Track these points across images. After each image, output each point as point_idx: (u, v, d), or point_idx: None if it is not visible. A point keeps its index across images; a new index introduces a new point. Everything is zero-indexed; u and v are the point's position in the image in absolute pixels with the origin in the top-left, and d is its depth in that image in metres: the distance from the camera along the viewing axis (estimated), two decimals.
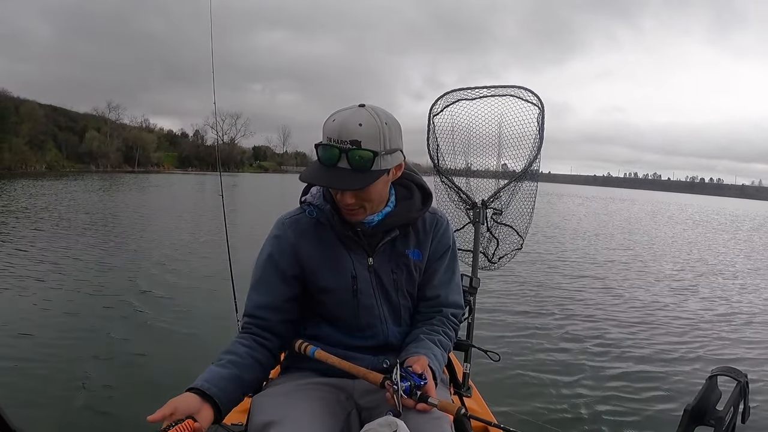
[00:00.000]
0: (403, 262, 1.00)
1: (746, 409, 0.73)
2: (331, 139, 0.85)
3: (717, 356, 3.39)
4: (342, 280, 0.97)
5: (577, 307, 4.57)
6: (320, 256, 0.98)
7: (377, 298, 0.99)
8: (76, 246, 6.74)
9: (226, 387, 0.85)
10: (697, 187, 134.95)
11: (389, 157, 0.88)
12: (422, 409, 0.84)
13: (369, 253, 0.98)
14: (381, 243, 0.98)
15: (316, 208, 0.97)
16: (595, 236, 11.24)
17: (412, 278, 1.02)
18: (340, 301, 0.98)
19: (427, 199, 1.02)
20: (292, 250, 0.98)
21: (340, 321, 1.00)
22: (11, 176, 27.26)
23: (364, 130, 0.84)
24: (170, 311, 3.87)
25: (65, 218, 9.80)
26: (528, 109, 1.63)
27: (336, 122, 0.85)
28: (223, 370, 0.88)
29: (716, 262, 8.10)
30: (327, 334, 1.01)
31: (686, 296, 5.31)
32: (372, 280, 0.98)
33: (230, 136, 64.13)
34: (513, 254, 1.72)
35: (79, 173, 36.31)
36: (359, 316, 0.99)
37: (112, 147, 47.24)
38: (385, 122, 0.86)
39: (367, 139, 0.84)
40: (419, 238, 1.02)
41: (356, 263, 0.98)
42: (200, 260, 6.01)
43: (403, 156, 0.92)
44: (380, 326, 1.00)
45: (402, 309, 1.02)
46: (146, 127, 57.84)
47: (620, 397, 2.63)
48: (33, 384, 2.52)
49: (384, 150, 0.86)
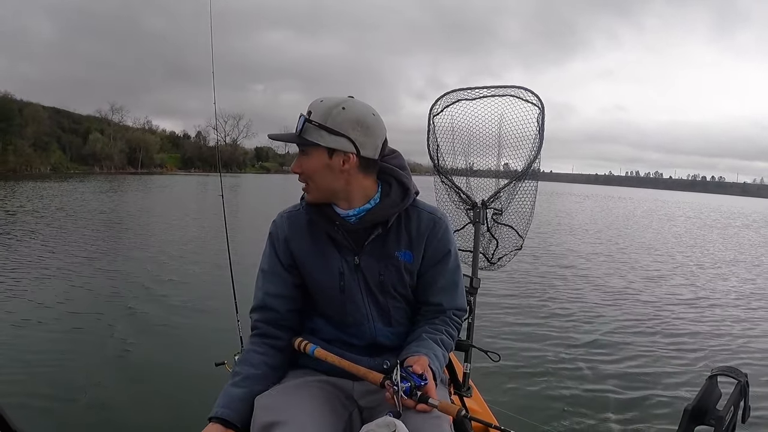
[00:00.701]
0: (392, 263, 0.99)
1: (746, 408, 0.73)
2: None
3: (717, 356, 3.37)
4: (330, 276, 0.99)
5: (577, 307, 4.56)
6: (311, 251, 1.01)
7: (363, 296, 1.00)
8: (84, 246, 6.80)
9: (242, 408, 0.91)
10: (698, 185, 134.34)
11: (328, 136, 0.92)
12: (422, 410, 0.84)
13: (355, 252, 0.99)
14: (366, 242, 0.98)
15: (310, 206, 1.01)
16: (589, 232, 11.23)
17: (402, 280, 1.01)
18: (328, 297, 1.01)
19: (405, 194, 1.00)
20: (286, 242, 1.02)
21: (331, 317, 1.03)
22: (17, 178, 27.52)
23: (320, 106, 0.93)
24: (171, 312, 3.88)
25: (82, 217, 9.91)
26: (528, 109, 1.62)
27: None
28: (238, 390, 0.94)
29: (715, 263, 8.05)
30: (320, 327, 1.03)
31: (686, 296, 5.29)
32: (358, 278, 0.99)
33: (232, 137, 64.51)
34: (513, 254, 1.72)
35: (84, 175, 36.74)
36: (346, 313, 1.00)
37: (116, 149, 47.58)
38: (342, 107, 0.92)
39: (316, 112, 0.93)
40: (411, 240, 1.00)
41: (344, 260, 0.99)
42: (202, 261, 6.03)
43: (355, 148, 0.93)
44: (367, 325, 1.01)
45: (391, 309, 1.02)
46: (149, 128, 58.25)
47: (620, 396, 2.63)
48: (33, 384, 2.52)
49: (325, 127, 0.92)
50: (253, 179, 43.07)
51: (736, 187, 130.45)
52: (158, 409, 2.25)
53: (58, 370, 2.71)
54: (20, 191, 17.10)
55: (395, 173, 1.00)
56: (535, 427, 2.14)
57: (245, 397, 0.92)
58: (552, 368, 2.99)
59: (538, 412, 2.41)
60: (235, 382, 0.95)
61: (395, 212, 0.99)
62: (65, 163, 42.01)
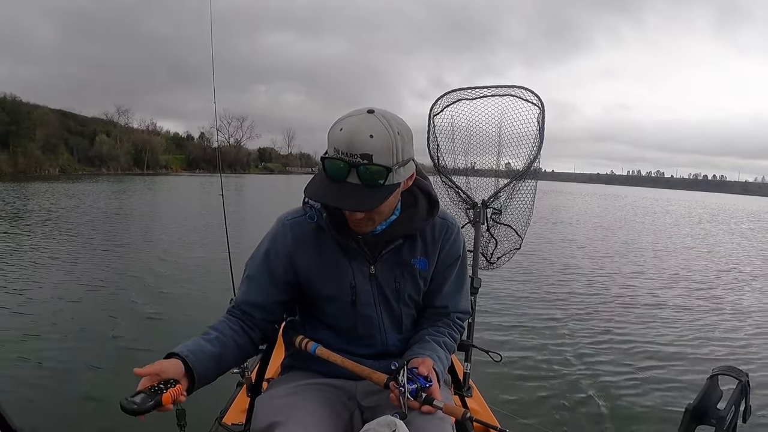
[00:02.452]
0: (408, 271, 0.96)
1: (747, 408, 0.73)
2: (339, 151, 0.78)
3: (717, 356, 3.35)
4: (340, 289, 0.94)
5: (577, 307, 4.53)
6: (318, 263, 0.94)
7: (377, 308, 0.97)
8: (85, 245, 6.86)
9: (207, 365, 0.84)
10: (699, 184, 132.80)
11: (402, 169, 0.82)
12: (427, 411, 0.83)
13: (371, 261, 0.95)
14: (384, 252, 0.94)
15: (317, 212, 0.93)
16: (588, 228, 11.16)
17: (418, 288, 0.99)
18: (338, 310, 0.96)
19: (433, 207, 0.95)
20: (289, 256, 0.94)
21: (338, 329, 0.99)
22: (27, 179, 27.87)
23: (376, 143, 0.77)
24: (174, 311, 3.89)
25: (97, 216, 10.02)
26: (528, 109, 1.62)
27: (344, 132, 0.78)
28: (209, 346, 0.86)
29: (715, 262, 7.97)
30: (325, 338, 0.99)
31: (686, 296, 5.24)
32: (373, 289, 0.95)
33: (236, 138, 64.96)
34: (512, 254, 1.72)
35: (92, 176, 37.18)
36: (357, 326, 0.97)
37: (122, 150, 48.15)
38: (398, 131, 0.80)
39: (379, 152, 0.78)
40: (427, 246, 0.98)
41: (356, 272, 0.94)
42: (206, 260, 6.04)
43: (414, 164, 0.87)
44: (379, 336, 0.98)
45: (403, 317, 1.00)
46: (153, 130, 58.81)
47: (621, 396, 2.62)
48: (33, 383, 2.52)
49: (397, 163, 0.80)
50: (257, 179, 43.25)
51: (736, 185, 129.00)
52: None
53: (58, 369, 2.70)
54: (49, 191, 17.42)
55: (419, 183, 0.94)
56: (534, 427, 2.13)
57: (213, 356, 0.86)
58: (551, 367, 2.98)
59: (538, 412, 2.40)
60: (207, 339, 0.88)
61: (423, 226, 0.94)
62: (73, 164, 42.63)
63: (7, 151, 35.20)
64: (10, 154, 35.34)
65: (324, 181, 0.82)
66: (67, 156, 42.83)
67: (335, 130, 0.80)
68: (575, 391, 2.67)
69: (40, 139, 38.48)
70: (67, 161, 42.26)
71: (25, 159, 36.50)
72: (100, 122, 51.56)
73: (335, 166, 0.79)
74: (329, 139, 0.81)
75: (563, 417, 2.37)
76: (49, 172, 37.67)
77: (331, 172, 0.80)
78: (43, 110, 42.32)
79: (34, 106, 41.74)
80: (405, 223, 0.92)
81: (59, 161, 40.94)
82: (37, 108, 41.81)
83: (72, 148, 43.60)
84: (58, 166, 40.13)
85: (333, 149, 0.80)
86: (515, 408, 2.36)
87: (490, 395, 1.65)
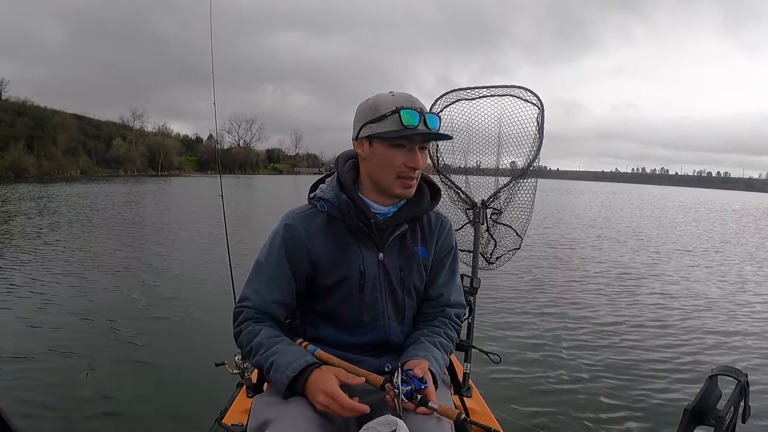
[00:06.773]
0: (413, 259, 1.01)
1: (746, 408, 0.72)
2: (402, 107, 0.90)
3: (717, 355, 3.27)
4: (350, 274, 0.97)
5: (577, 307, 4.47)
6: (330, 251, 0.97)
7: (383, 294, 0.99)
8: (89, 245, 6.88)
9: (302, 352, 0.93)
10: (704, 181, 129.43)
11: None
12: (422, 413, 0.84)
13: (379, 247, 0.98)
14: (391, 238, 0.99)
15: (327, 202, 0.98)
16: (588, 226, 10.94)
17: (421, 276, 1.02)
18: (345, 296, 0.98)
19: (436, 194, 1.04)
20: (306, 248, 0.97)
21: (341, 317, 1.00)
22: (52, 180, 28.75)
23: (418, 101, 0.94)
24: (174, 311, 3.88)
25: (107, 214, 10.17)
26: (527, 109, 1.61)
27: (399, 94, 0.93)
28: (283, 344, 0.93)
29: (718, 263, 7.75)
30: (326, 334, 1.01)
31: (686, 296, 5.12)
32: (380, 275, 0.99)
33: (245, 140, 65.78)
34: (511, 254, 1.71)
35: (111, 177, 38.34)
36: (362, 312, 0.99)
37: (137, 153, 49.34)
38: None
39: (428, 106, 0.95)
40: (425, 236, 1.03)
41: (366, 258, 0.98)
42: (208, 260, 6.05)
43: None
44: (382, 322, 1.00)
45: (407, 308, 1.02)
46: (164, 132, 59.97)
47: (620, 396, 2.58)
48: (33, 383, 2.52)
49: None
50: (266, 179, 43.70)
51: (741, 182, 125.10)
52: (158, 410, 2.22)
53: (58, 369, 2.70)
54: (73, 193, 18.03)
55: (422, 175, 1.02)
56: (534, 427, 2.11)
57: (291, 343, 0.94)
58: (551, 367, 2.94)
59: (538, 412, 2.37)
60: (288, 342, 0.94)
61: (426, 210, 1.02)
62: (92, 167, 44.03)
63: (33, 155, 36.52)
64: (36, 158, 36.69)
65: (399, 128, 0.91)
66: (86, 159, 44.16)
67: (385, 96, 0.93)
68: (574, 390, 2.64)
69: (61, 143, 39.95)
70: (87, 163, 43.59)
71: (49, 162, 37.95)
72: (114, 126, 53.14)
73: (411, 115, 0.90)
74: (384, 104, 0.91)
75: (563, 417, 2.34)
76: (71, 174, 38.98)
77: (408, 119, 0.90)
78: (62, 115, 43.79)
79: (52, 111, 43.09)
80: (413, 206, 1.00)
81: (79, 163, 42.33)
82: (56, 113, 43.18)
83: (90, 151, 44.97)
84: (79, 168, 41.52)
85: (395, 107, 0.90)
86: (515, 408, 2.34)
87: (490, 395, 1.64)
